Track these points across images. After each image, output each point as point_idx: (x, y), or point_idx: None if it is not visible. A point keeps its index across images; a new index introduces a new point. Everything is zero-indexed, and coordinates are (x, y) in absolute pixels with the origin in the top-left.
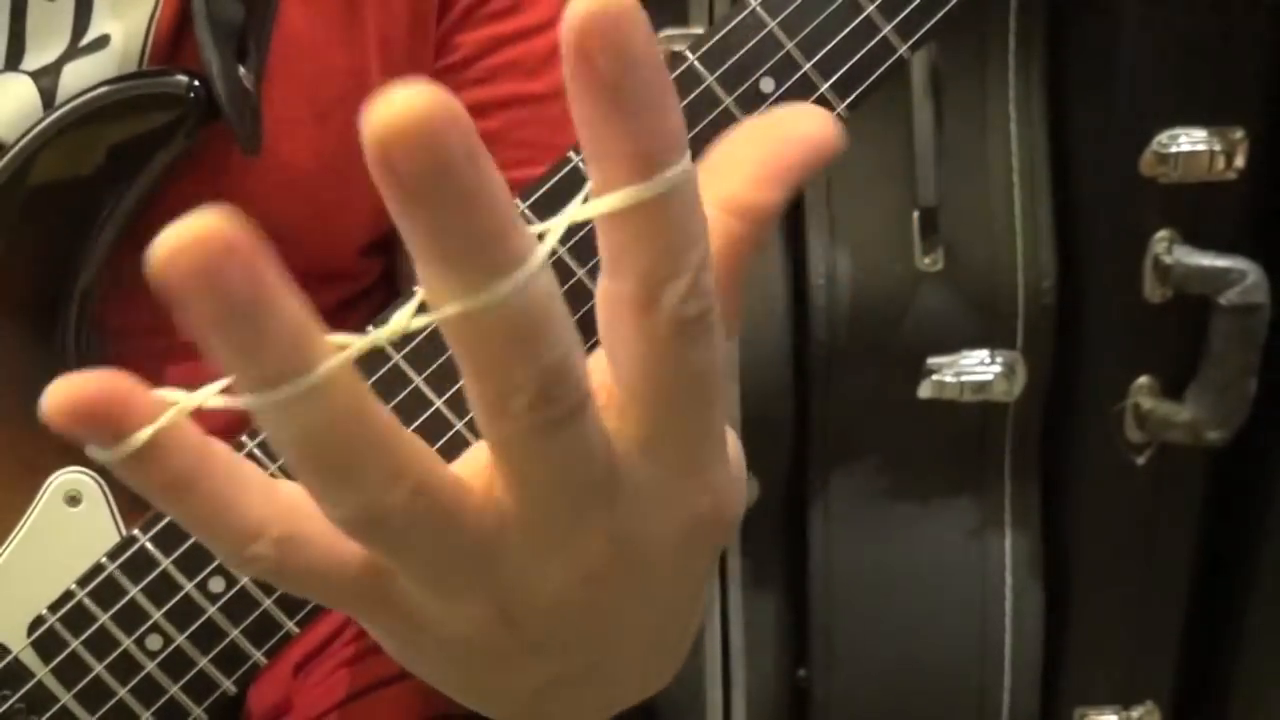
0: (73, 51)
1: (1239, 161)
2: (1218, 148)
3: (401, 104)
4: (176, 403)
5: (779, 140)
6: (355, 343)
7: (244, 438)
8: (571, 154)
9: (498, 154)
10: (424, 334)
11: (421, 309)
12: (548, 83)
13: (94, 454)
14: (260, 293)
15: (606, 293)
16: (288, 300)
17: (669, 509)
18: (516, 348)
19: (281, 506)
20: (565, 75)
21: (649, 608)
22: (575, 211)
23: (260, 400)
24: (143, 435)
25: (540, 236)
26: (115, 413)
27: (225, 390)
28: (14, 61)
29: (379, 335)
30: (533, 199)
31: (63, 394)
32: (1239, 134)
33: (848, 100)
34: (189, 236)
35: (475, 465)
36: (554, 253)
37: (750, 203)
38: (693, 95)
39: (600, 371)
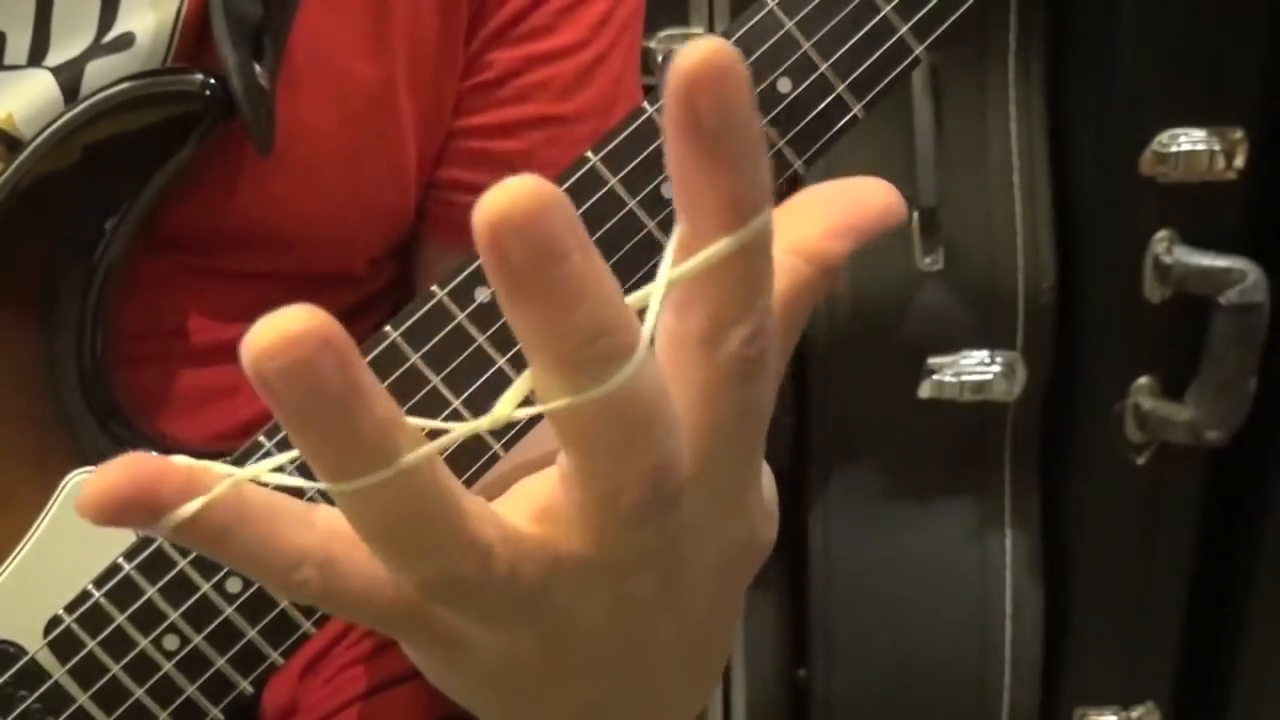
0: (96, 49)
1: (1239, 161)
2: (1218, 148)
3: (512, 192)
4: (211, 471)
5: (854, 202)
6: (449, 432)
7: (261, 437)
8: (589, 154)
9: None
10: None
11: (527, 401)
12: (578, 104)
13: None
14: (353, 387)
15: (672, 333)
16: (377, 393)
17: (711, 538)
18: (626, 443)
19: (321, 533)
20: (668, 121)
21: (686, 633)
22: (676, 271)
23: (342, 488)
24: (189, 510)
25: (641, 312)
26: (147, 497)
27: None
28: (38, 57)
29: (479, 424)
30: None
31: (93, 493)
32: (1239, 134)
33: (864, 100)
34: (281, 329)
35: (532, 502)
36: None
37: (822, 250)
38: None
39: None
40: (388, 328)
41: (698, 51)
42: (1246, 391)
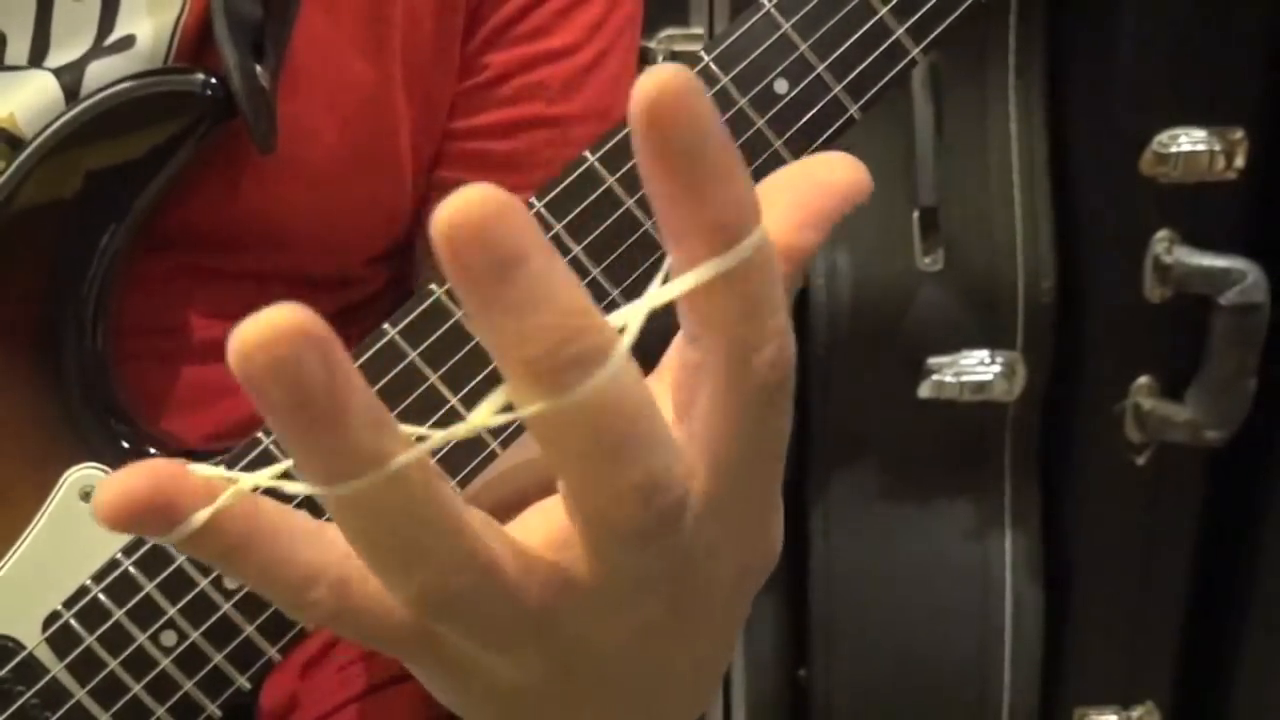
0: (97, 50)
1: (1239, 161)
2: (1218, 148)
3: (466, 200)
4: (231, 479)
5: (815, 185)
6: (431, 438)
7: (260, 434)
8: (587, 154)
9: (521, 176)
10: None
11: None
12: (574, 105)
13: (152, 538)
14: (340, 387)
15: (688, 362)
16: (366, 394)
17: (726, 561)
18: (608, 455)
19: (334, 552)
20: (638, 155)
21: (694, 651)
22: (658, 293)
23: (332, 492)
24: (199, 519)
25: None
26: (165, 505)
27: (286, 475)
28: (38, 58)
29: (455, 431)
30: (548, 198)
31: (112, 495)
32: (1239, 134)
33: (861, 102)
34: (267, 327)
35: (544, 530)
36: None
37: (790, 244)
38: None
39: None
40: (386, 325)
41: (654, 80)
42: (1246, 391)
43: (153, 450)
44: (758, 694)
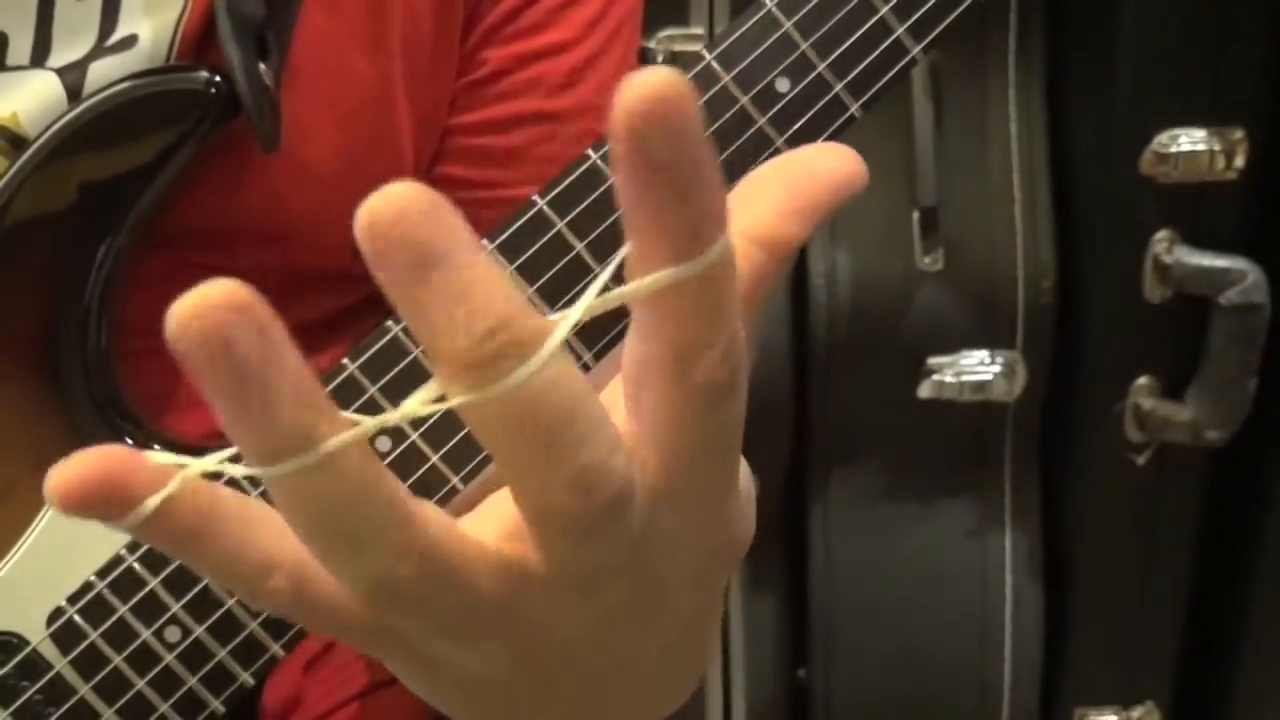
0: (99, 50)
1: (1239, 161)
2: (1218, 148)
3: (387, 198)
4: (181, 464)
5: (806, 175)
6: (365, 422)
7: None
8: (590, 151)
9: (520, 171)
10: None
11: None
12: (571, 101)
13: (104, 524)
14: (271, 357)
15: (637, 354)
16: (297, 373)
17: (690, 550)
18: (541, 447)
19: (293, 541)
20: (614, 156)
21: (664, 636)
22: (612, 294)
23: (269, 472)
24: (151, 504)
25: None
26: (118, 489)
27: (233, 458)
28: (40, 59)
29: (388, 417)
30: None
31: (64, 479)
32: (1239, 134)
33: (862, 100)
34: (202, 301)
35: (496, 522)
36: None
37: (775, 234)
38: (709, 95)
39: (617, 409)
40: (389, 322)
41: (643, 85)
42: (1246, 391)
43: (158, 448)
44: (758, 694)
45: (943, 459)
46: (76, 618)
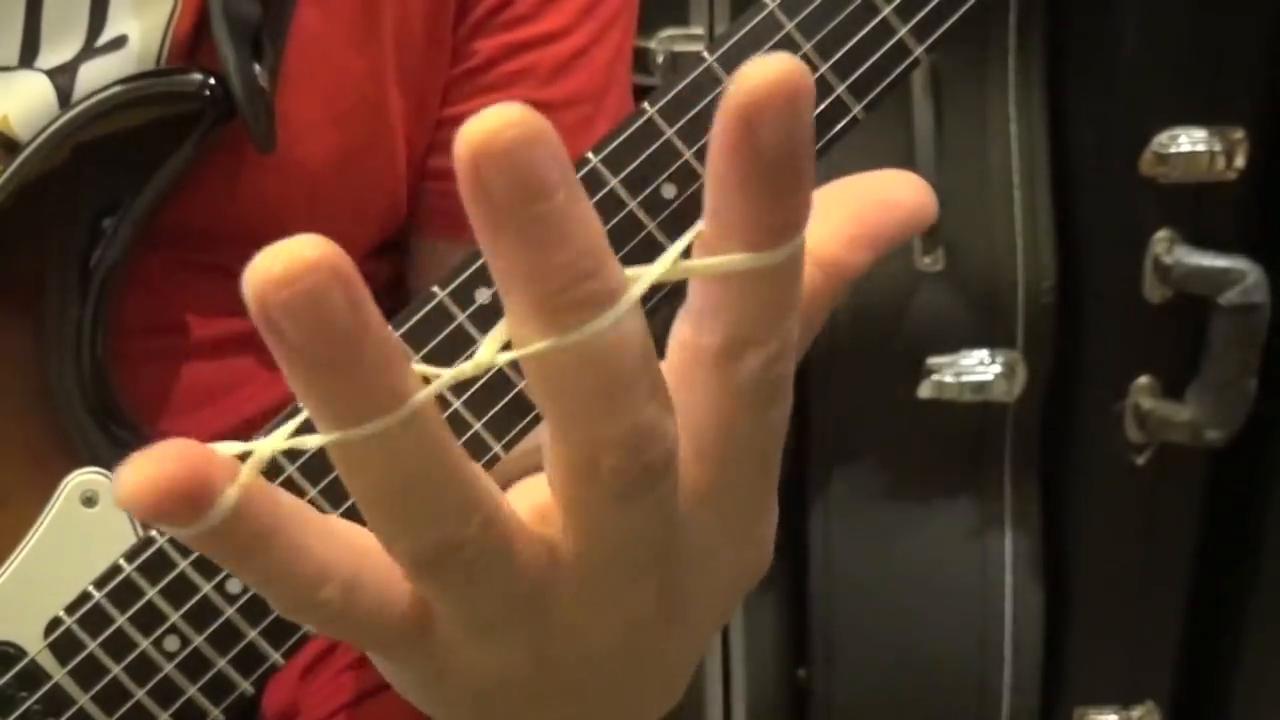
0: (89, 51)
1: (1239, 161)
2: (1218, 148)
3: (498, 119)
4: (245, 451)
5: (879, 204)
6: (442, 374)
7: (256, 438)
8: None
9: None
10: (441, 338)
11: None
12: (562, 91)
13: (173, 533)
14: (359, 319)
15: (685, 343)
16: (382, 328)
17: (719, 561)
18: (603, 399)
19: (342, 548)
20: (718, 134)
21: (680, 651)
22: (686, 265)
23: (351, 436)
24: (229, 499)
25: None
26: (199, 486)
27: (300, 431)
28: (29, 59)
29: (463, 369)
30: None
31: (138, 481)
32: (1239, 134)
33: (864, 102)
34: (292, 260)
35: (528, 504)
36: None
37: (840, 260)
38: (711, 96)
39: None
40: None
41: (768, 70)
42: (1246, 391)
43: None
44: (758, 694)
45: (943, 459)
46: (75, 628)
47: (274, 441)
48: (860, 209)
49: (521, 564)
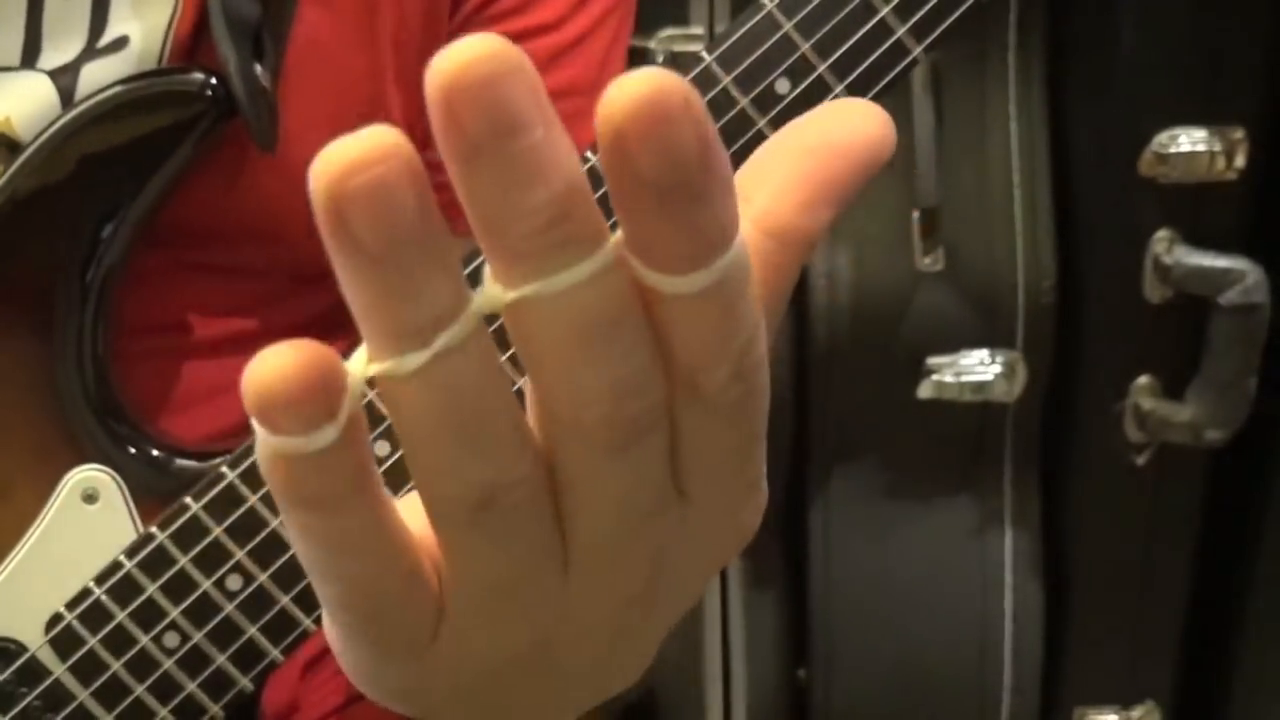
0: (91, 52)
1: (1239, 161)
2: (1218, 148)
3: (471, 51)
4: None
5: (828, 153)
6: (483, 289)
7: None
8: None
9: None
10: None
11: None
12: (555, 81)
13: (285, 444)
14: (432, 218)
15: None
16: (443, 222)
17: (704, 552)
18: (585, 348)
19: (406, 534)
20: (604, 169)
21: (658, 629)
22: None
23: (417, 359)
24: (344, 417)
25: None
26: (330, 383)
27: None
28: (30, 59)
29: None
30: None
31: (281, 362)
32: (1239, 134)
33: None
34: (363, 151)
35: None
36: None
37: (795, 226)
38: (709, 96)
39: None
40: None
41: (629, 90)
42: (1246, 391)
43: (155, 451)
44: (758, 694)
45: (942, 459)
46: (75, 624)
47: (356, 365)
48: (807, 165)
49: (553, 515)
